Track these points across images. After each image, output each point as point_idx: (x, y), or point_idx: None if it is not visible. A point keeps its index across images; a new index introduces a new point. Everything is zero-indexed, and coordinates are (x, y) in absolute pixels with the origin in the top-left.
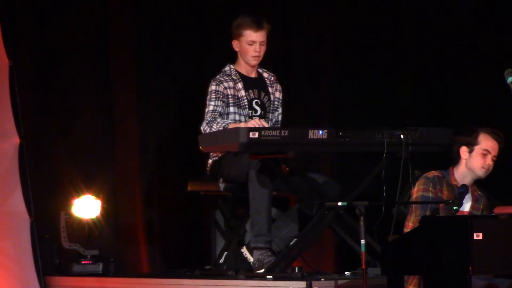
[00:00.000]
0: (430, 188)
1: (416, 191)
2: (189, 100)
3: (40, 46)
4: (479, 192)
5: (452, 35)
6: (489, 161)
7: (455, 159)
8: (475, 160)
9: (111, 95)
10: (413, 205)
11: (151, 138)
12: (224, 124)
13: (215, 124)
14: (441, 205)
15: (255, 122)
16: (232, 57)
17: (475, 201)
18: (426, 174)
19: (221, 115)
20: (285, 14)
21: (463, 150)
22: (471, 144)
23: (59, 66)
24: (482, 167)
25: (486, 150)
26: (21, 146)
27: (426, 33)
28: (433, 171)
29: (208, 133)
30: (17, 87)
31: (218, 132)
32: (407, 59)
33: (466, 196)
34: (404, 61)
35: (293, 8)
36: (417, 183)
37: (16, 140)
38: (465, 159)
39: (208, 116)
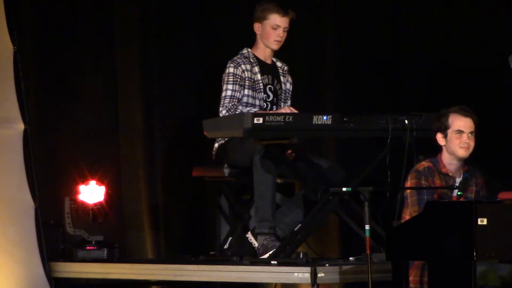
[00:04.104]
0: (423, 181)
1: (410, 185)
2: (194, 85)
3: (45, 32)
4: (469, 173)
5: (457, 20)
6: (465, 139)
7: (438, 147)
8: (451, 143)
9: (116, 81)
10: (409, 199)
11: (156, 123)
12: None
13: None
14: (435, 196)
15: (288, 109)
16: (241, 44)
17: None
18: (416, 167)
19: (239, 100)
20: (287, 1)
21: (439, 137)
22: (444, 129)
23: (63, 52)
24: (461, 147)
25: (459, 130)
26: (25, 132)
27: (431, 17)
28: (423, 163)
29: (213, 118)
30: (22, 73)
31: (223, 117)
32: (412, 44)
33: (459, 180)
34: (409, 47)
35: None
36: (408, 177)
37: (20, 126)
38: (444, 145)
39: (226, 102)
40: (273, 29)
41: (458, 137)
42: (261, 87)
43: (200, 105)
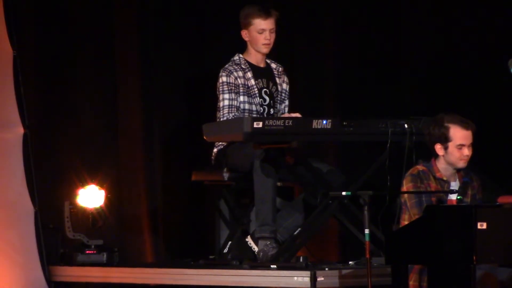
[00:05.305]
0: (419, 184)
1: (406, 190)
2: (193, 90)
3: (44, 36)
4: (468, 178)
5: (455, 24)
6: (466, 152)
7: (434, 153)
8: (452, 156)
9: (115, 85)
10: (408, 203)
11: (155, 127)
12: None
13: None
14: (432, 199)
15: (291, 114)
16: (237, 47)
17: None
18: (410, 171)
19: (237, 109)
20: (287, 4)
21: (438, 148)
22: (444, 141)
23: (63, 56)
24: (461, 160)
25: (460, 144)
26: (25, 136)
27: (429, 21)
28: (417, 166)
29: (213, 123)
30: (21, 77)
31: (222, 121)
32: (411, 48)
33: (454, 184)
34: (408, 50)
35: None
36: (404, 182)
37: (20, 130)
38: (443, 155)
39: (226, 112)
40: (259, 34)
41: (459, 151)
42: (256, 92)
43: (200, 109)
